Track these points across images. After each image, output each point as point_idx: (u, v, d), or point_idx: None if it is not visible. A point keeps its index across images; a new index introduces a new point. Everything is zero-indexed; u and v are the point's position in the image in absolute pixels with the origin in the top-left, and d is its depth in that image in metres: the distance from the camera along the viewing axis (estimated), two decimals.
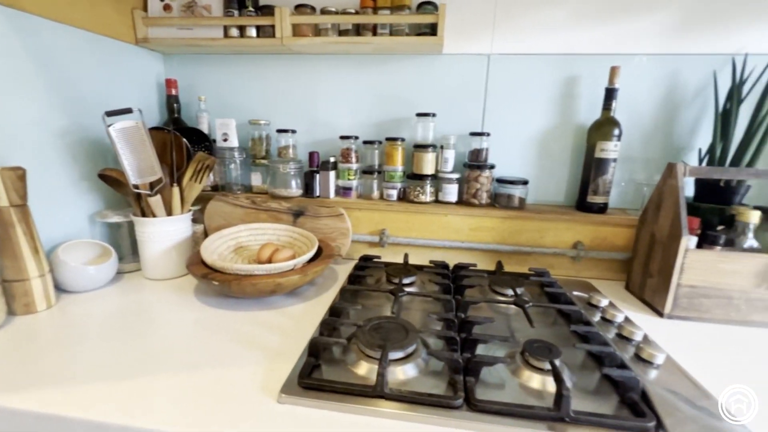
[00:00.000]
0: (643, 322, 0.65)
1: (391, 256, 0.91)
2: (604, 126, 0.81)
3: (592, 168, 0.83)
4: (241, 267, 0.62)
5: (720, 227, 0.72)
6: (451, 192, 0.89)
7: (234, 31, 0.88)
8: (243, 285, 0.61)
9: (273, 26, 0.84)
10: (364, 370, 0.48)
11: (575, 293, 0.72)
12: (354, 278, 0.74)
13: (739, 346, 0.59)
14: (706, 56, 0.80)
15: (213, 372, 0.48)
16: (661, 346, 0.54)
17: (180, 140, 0.78)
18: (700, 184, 0.81)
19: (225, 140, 0.93)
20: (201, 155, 0.76)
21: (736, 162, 0.76)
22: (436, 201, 0.91)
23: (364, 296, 0.70)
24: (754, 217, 0.65)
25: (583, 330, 0.55)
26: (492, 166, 0.87)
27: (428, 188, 0.89)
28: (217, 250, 0.75)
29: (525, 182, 0.86)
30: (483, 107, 0.91)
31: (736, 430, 0.40)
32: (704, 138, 0.84)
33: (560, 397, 0.41)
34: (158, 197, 0.73)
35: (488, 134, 0.88)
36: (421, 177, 0.89)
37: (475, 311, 0.65)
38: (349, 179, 0.93)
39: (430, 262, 0.83)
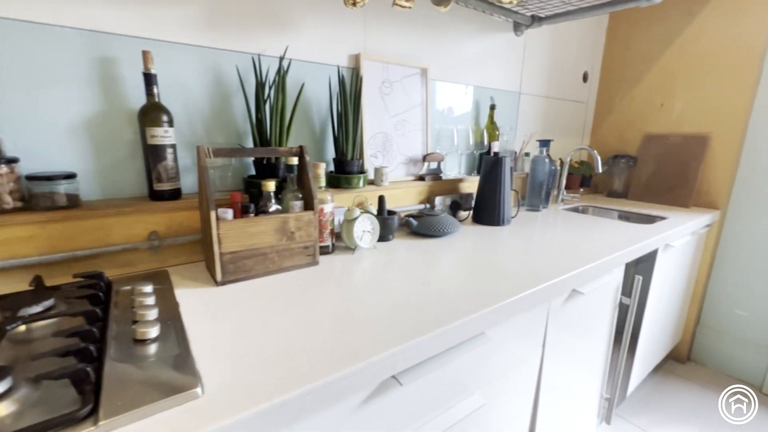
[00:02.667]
0: (200, 295, 0.70)
1: None
2: (151, 112, 0.80)
3: (149, 155, 0.81)
4: None
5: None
6: None
7: None
8: None
9: None
10: None
11: (125, 288, 0.69)
12: None
13: (277, 289, 0.73)
14: (237, 53, 0.93)
15: None
16: (186, 315, 0.59)
17: None
18: (256, 163, 0.96)
19: None
20: None
21: (273, 142, 0.94)
22: None
23: None
24: (271, 186, 0.81)
25: (77, 330, 0.50)
26: (12, 160, 0.69)
27: None
28: None
29: (70, 176, 0.74)
30: None
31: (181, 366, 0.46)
32: None
33: None
34: None
35: None
36: None
37: None
38: None
39: None
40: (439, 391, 0.68)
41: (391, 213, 1.11)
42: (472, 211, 1.35)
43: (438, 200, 1.31)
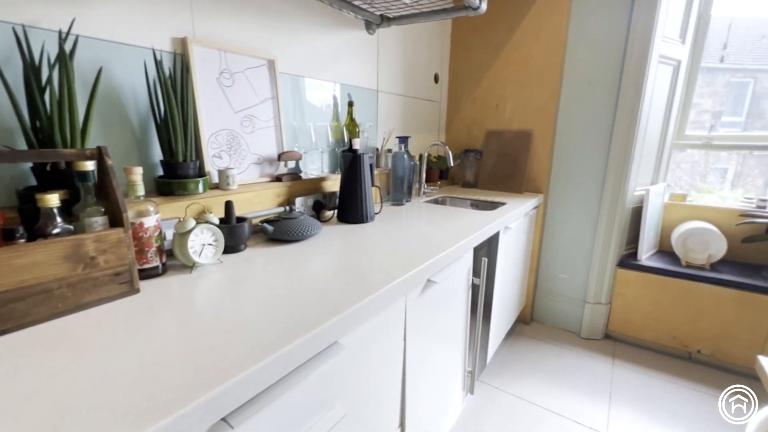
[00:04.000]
0: None
1: None
2: None
3: None
4: None
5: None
6: None
7: None
8: None
9: None
10: None
11: None
12: None
13: (66, 335, 0.55)
14: None
15: None
16: None
17: None
18: (37, 171, 0.73)
19: None
20: None
21: (63, 143, 0.73)
22: None
23: None
24: (52, 201, 0.62)
25: None
26: None
27: None
28: None
29: None
30: None
31: None
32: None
33: None
34: None
35: None
36: None
37: None
38: None
39: None
40: (292, 416, 0.61)
41: (241, 220, 0.99)
42: (336, 211, 1.31)
43: (299, 201, 1.23)
